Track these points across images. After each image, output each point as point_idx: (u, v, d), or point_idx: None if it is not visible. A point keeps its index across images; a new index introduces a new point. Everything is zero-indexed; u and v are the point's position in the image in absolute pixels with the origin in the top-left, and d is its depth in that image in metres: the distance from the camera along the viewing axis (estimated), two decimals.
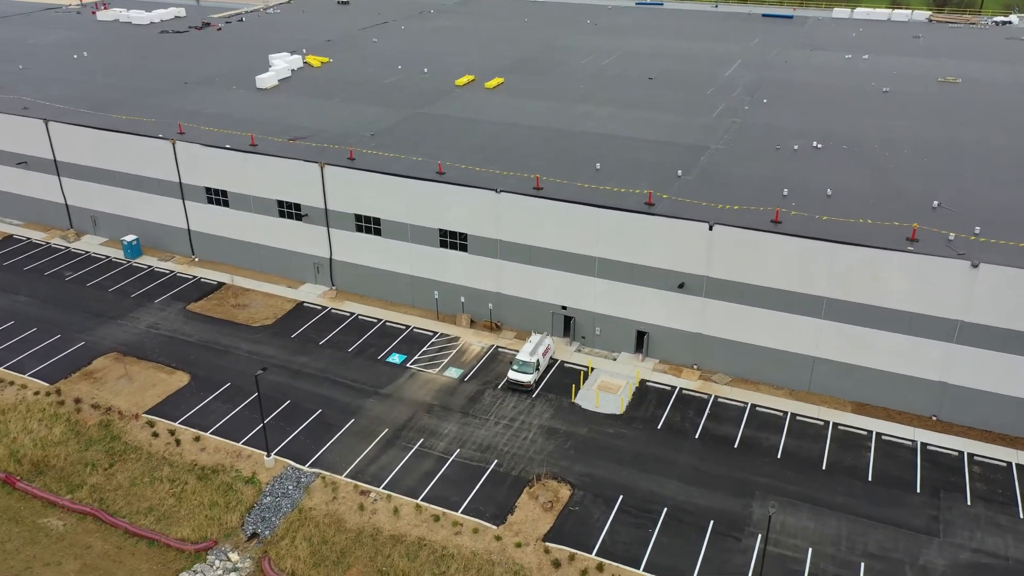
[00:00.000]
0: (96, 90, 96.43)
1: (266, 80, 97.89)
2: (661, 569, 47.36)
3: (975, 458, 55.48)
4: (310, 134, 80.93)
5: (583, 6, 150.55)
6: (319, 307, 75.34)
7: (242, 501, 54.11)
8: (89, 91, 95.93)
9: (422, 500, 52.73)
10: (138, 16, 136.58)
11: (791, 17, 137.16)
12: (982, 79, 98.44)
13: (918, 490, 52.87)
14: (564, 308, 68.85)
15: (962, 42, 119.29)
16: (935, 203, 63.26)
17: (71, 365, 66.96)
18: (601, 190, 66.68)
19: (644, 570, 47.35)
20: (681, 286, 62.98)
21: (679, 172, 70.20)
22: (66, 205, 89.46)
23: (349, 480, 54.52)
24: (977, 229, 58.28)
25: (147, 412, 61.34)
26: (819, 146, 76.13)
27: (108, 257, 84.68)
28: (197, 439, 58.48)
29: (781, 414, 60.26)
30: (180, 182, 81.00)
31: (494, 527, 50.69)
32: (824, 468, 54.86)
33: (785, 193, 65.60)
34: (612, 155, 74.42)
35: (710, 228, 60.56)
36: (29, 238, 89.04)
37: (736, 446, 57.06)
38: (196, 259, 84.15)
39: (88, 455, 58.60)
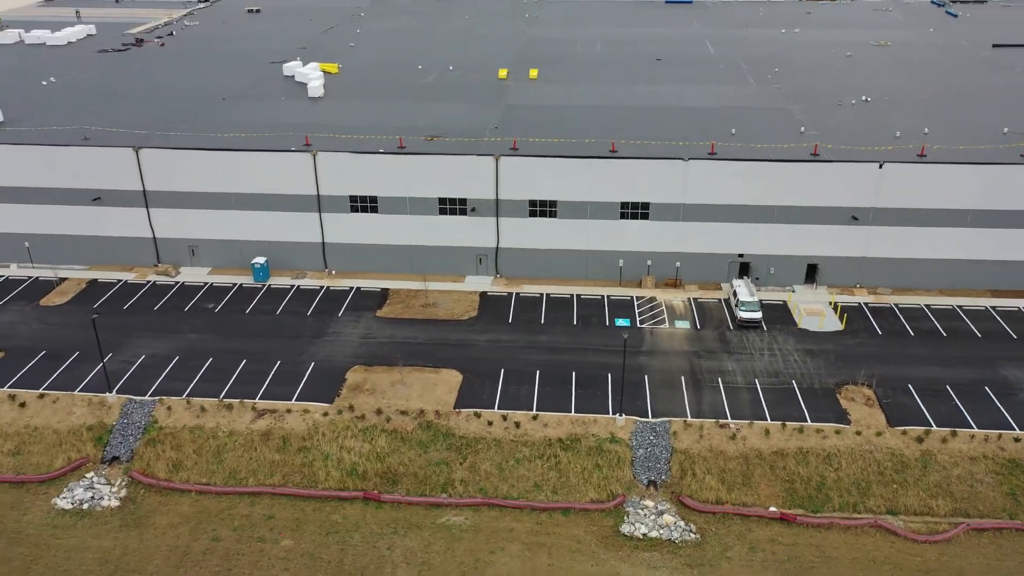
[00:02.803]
0: (131, 114, 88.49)
1: (316, 89, 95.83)
2: (990, 425, 59.83)
3: None
4: (436, 133, 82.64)
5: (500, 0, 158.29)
6: (504, 293, 78.33)
7: (620, 458, 58.36)
8: (123, 116, 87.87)
9: (771, 420, 60.66)
10: (48, 36, 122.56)
11: (691, 2, 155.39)
12: (900, 42, 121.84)
13: None
14: (740, 256, 78.72)
15: (843, 15, 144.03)
16: (1005, 129, 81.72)
17: (328, 385, 65.00)
18: (764, 148, 77.38)
19: (979, 428, 59.58)
20: (854, 219, 75.71)
21: (802, 129, 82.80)
22: (154, 238, 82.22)
23: (700, 420, 60.81)
24: None
25: (458, 408, 62.31)
26: (868, 99, 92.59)
27: (236, 284, 79.90)
28: (535, 418, 61.05)
29: (951, 307, 75.32)
30: (318, 194, 78.90)
31: (846, 426, 60.11)
32: (1016, 337, 70.57)
33: (898, 135, 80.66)
34: (722, 122, 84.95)
35: (880, 167, 73.82)
36: (120, 279, 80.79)
37: (945, 335, 71.07)
38: (332, 272, 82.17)
39: (431, 455, 58.84)
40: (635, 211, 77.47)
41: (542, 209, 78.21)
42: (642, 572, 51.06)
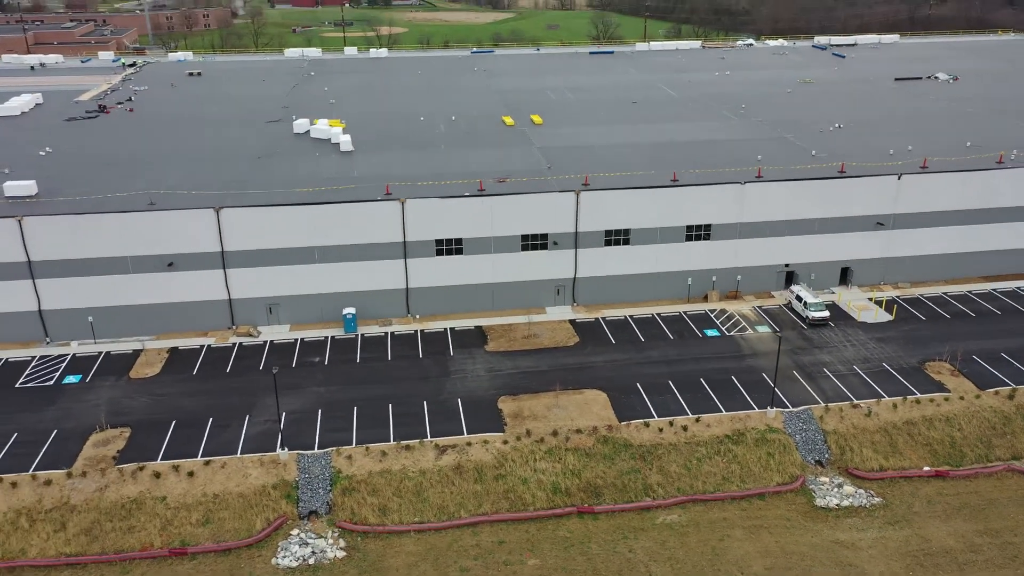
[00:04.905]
0: (174, 178, 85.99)
1: (346, 144, 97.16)
2: None
3: None
4: (490, 176, 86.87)
5: (437, 58, 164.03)
6: (591, 319, 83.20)
7: (785, 445, 64.77)
8: (164, 179, 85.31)
9: (888, 397, 69.39)
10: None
11: (612, 52, 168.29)
12: (821, 79, 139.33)
13: None
14: (787, 265, 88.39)
15: (751, 60, 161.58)
16: (968, 143, 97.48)
17: (487, 416, 67.09)
18: (795, 169, 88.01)
19: None
20: (880, 224, 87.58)
21: (812, 152, 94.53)
22: (229, 300, 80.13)
23: (833, 404, 68.50)
24: (1013, 154, 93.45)
25: (623, 420, 66.33)
26: (840, 126, 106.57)
27: (327, 337, 79.53)
28: (698, 420, 66.28)
29: (964, 293, 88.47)
30: (404, 240, 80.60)
31: (948, 393, 69.93)
32: None
33: (891, 152, 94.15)
34: (741, 151, 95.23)
35: (899, 178, 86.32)
36: (202, 344, 77.94)
37: (974, 315, 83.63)
38: (417, 316, 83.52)
39: (620, 465, 62.53)
40: (699, 233, 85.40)
41: (616, 238, 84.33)
42: (856, 535, 57.54)
